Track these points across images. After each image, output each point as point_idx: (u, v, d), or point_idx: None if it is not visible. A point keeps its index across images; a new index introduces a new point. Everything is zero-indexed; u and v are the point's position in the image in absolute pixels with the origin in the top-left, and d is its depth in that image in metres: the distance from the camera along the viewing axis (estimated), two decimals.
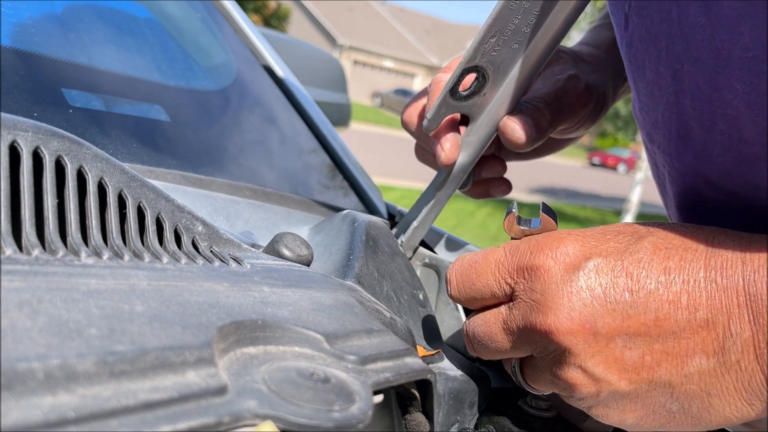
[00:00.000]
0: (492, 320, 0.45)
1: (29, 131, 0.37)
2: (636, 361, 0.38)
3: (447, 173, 0.60)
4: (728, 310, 0.36)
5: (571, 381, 0.41)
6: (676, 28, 0.43)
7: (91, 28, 0.83)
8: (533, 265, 0.41)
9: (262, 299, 0.39)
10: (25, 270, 0.31)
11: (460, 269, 0.46)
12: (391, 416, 0.44)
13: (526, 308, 0.41)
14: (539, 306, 0.40)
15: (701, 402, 0.38)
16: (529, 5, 0.49)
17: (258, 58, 1.00)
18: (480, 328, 0.46)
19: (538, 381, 0.45)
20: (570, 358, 0.40)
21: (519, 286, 0.42)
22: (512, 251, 0.43)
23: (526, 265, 0.42)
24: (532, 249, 0.42)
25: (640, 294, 0.38)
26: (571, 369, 0.40)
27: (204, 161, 0.78)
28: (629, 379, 0.39)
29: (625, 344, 0.38)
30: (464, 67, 0.51)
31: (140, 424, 0.25)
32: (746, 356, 0.36)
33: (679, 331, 0.37)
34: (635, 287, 0.38)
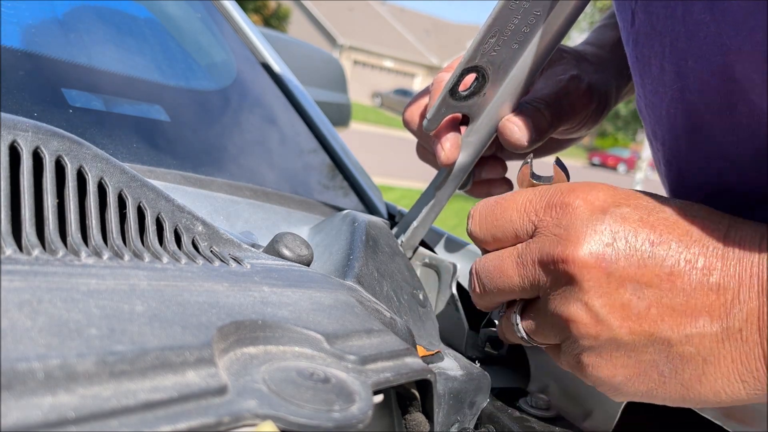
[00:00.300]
0: (506, 255, 0.45)
1: (29, 131, 0.37)
2: (641, 311, 0.39)
3: (447, 173, 0.60)
4: (740, 277, 0.37)
5: (573, 317, 0.41)
6: (680, 25, 0.43)
7: (91, 28, 0.83)
8: (563, 202, 0.42)
9: (262, 299, 0.39)
10: (25, 270, 0.31)
11: (485, 205, 0.47)
12: (391, 416, 0.44)
13: (546, 241, 0.42)
14: (560, 239, 0.41)
15: (695, 367, 0.38)
16: (528, 5, 0.49)
17: (258, 58, 1.00)
18: (491, 262, 0.46)
19: (539, 326, 0.45)
20: (578, 293, 0.40)
21: (543, 223, 0.43)
22: (542, 191, 0.44)
23: (556, 202, 0.42)
24: (563, 190, 0.43)
25: (661, 248, 0.39)
26: (576, 305, 0.40)
27: (204, 161, 0.78)
28: (630, 328, 0.39)
29: (635, 292, 0.39)
30: (464, 67, 0.51)
31: (140, 424, 0.25)
32: (749, 326, 0.36)
33: (690, 290, 0.38)
34: (657, 240, 0.39)
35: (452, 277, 0.64)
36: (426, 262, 0.67)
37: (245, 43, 1.01)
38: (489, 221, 0.46)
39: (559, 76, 0.61)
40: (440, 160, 0.58)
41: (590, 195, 0.41)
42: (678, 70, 0.45)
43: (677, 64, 0.45)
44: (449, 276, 0.64)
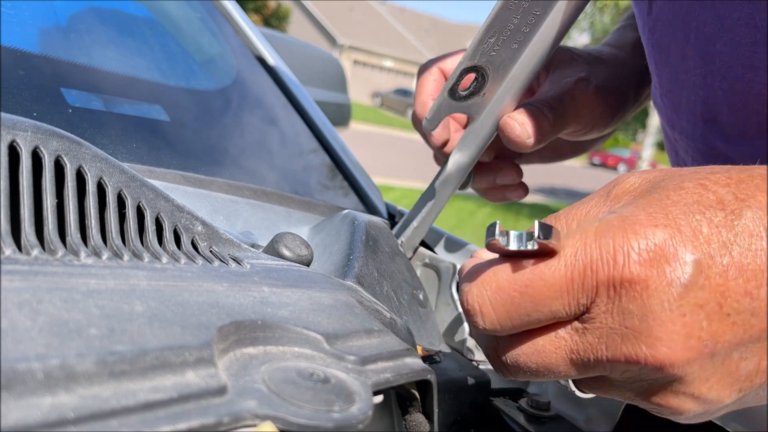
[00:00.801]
0: (550, 349, 0.35)
1: (28, 131, 0.37)
2: (751, 371, 0.33)
3: (447, 173, 0.60)
4: None
5: (676, 407, 0.34)
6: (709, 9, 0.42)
7: (91, 28, 0.83)
8: (624, 278, 0.31)
9: (261, 299, 0.39)
10: (24, 270, 0.31)
11: (498, 293, 0.34)
12: (391, 416, 0.44)
13: (615, 336, 0.32)
14: (639, 335, 0.31)
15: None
16: (528, 5, 0.49)
17: (258, 58, 1.00)
18: (531, 358, 0.36)
19: (608, 393, 0.37)
20: (679, 386, 0.33)
21: (600, 308, 0.33)
22: (583, 259, 0.32)
23: (613, 279, 0.32)
24: (613, 253, 0.32)
25: (761, 294, 0.31)
26: (678, 397, 0.33)
27: (204, 161, 0.78)
28: (740, 389, 0.33)
29: (741, 355, 0.32)
30: (464, 67, 0.51)
31: (140, 424, 0.25)
32: None
33: None
34: (754, 288, 0.31)
35: (452, 277, 0.64)
36: (426, 262, 0.67)
37: (245, 43, 1.00)
38: (514, 316, 0.34)
39: (565, 79, 0.61)
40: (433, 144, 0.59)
41: (651, 253, 0.31)
42: (703, 55, 0.43)
43: (702, 49, 0.43)
44: (449, 276, 0.64)
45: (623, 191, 0.36)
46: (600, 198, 0.38)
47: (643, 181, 0.36)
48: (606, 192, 0.38)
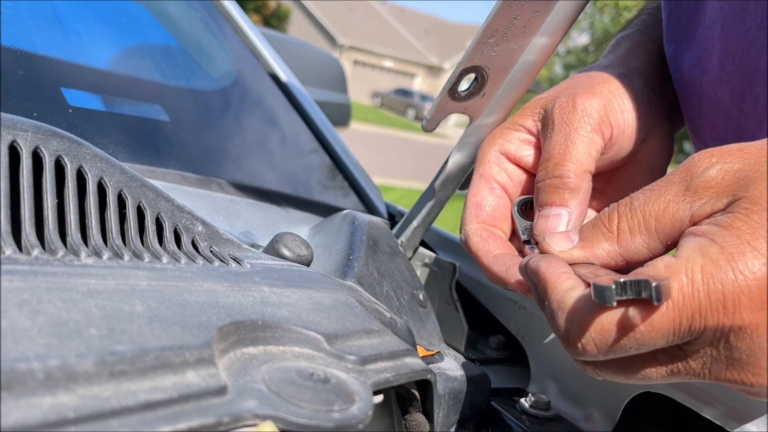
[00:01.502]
0: (648, 369, 0.36)
1: (29, 131, 0.37)
2: None
3: (447, 173, 0.60)
4: None
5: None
6: None
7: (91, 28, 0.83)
8: (734, 325, 0.31)
9: (262, 299, 0.39)
10: (24, 270, 0.31)
11: (603, 338, 0.34)
12: (391, 416, 0.44)
13: (720, 364, 0.33)
14: (746, 366, 0.32)
15: None
16: (528, 5, 0.49)
17: (258, 58, 1.00)
18: (626, 374, 0.37)
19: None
20: None
21: (705, 341, 0.33)
22: (691, 306, 0.32)
23: (723, 325, 0.32)
24: (723, 301, 0.31)
25: None
26: None
27: (204, 161, 0.78)
28: None
29: None
30: (463, 67, 0.51)
31: (140, 424, 0.25)
32: None
33: None
34: None
35: (452, 277, 0.64)
36: (426, 262, 0.67)
37: (245, 43, 1.00)
38: (618, 351, 0.34)
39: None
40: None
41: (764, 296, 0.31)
42: None
43: None
44: (449, 276, 0.64)
45: (705, 185, 0.35)
46: (677, 189, 0.36)
47: (726, 174, 0.34)
48: (683, 182, 0.35)
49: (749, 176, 0.33)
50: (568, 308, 0.35)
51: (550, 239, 0.42)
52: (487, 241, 0.50)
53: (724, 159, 0.35)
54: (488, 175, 0.53)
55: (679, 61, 0.57)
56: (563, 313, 0.35)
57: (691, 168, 0.36)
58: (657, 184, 0.37)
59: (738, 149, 0.35)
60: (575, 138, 0.48)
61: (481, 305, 0.68)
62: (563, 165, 0.48)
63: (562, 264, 0.38)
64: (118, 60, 0.82)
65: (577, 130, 0.48)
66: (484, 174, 0.53)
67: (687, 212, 0.35)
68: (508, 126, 0.54)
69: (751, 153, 0.35)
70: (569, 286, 0.36)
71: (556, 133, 0.49)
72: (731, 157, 0.35)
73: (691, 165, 0.36)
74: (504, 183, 0.53)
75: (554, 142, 0.49)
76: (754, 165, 0.34)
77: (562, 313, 0.35)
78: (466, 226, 0.52)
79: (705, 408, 0.47)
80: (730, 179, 0.34)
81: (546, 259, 0.39)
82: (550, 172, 0.48)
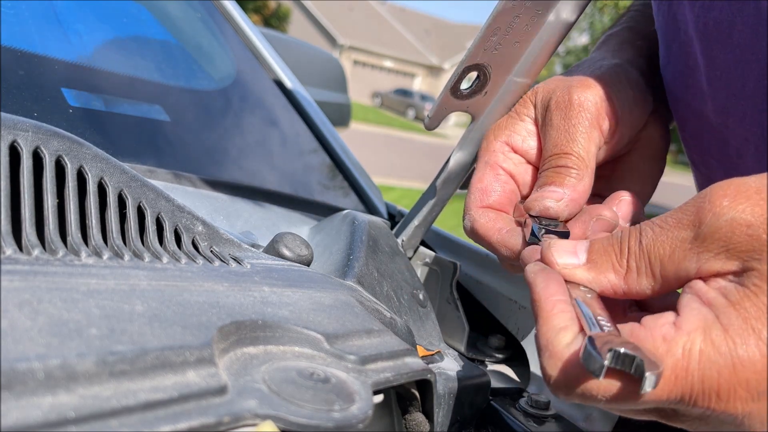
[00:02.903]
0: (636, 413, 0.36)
1: (29, 131, 0.37)
2: None
3: (449, 172, 0.60)
4: None
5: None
6: None
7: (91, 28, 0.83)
8: (725, 411, 0.31)
9: (262, 299, 0.39)
10: (25, 270, 0.31)
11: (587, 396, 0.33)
12: (391, 416, 0.44)
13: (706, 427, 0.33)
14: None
15: None
16: (530, 4, 0.49)
17: (258, 58, 1.00)
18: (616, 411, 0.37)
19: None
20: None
21: (692, 414, 0.33)
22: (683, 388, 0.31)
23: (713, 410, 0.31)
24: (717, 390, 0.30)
25: None
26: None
27: (204, 161, 0.78)
28: None
29: None
30: (466, 65, 0.51)
31: (140, 424, 0.25)
32: None
33: None
34: None
35: (452, 277, 0.63)
36: (426, 262, 0.67)
37: (245, 43, 1.01)
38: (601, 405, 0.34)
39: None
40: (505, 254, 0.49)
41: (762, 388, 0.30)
42: None
43: None
44: (449, 276, 0.64)
45: (713, 237, 0.33)
46: (685, 234, 0.34)
47: (736, 228, 0.32)
48: (692, 226, 0.34)
49: (762, 239, 0.32)
50: (555, 354, 0.34)
51: (555, 249, 0.40)
52: (496, 220, 0.49)
53: (736, 205, 0.33)
54: (494, 162, 0.52)
55: (665, 72, 0.57)
56: (550, 358, 0.34)
57: (702, 210, 0.34)
58: (667, 220, 0.35)
59: (755, 191, 0.33)
60: (575, 134, 0.48)
61: (481, 305, 0.68)
62: (567, 158, 0.48)
63: (559, 286, 0.37)
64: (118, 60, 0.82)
65: (576, 126, 0.48)
66: (489, 161, 0.52)
67: (694, 264, 0.34)
68: (514, 116, 0.53)
69: (765, 199, 0.33)
70: (561, 325, 0.34)
71: (555, 130, 0.49)
72: (745, 204, 0.33)
73: (701, 206, 0.34)
74: (510, 170, 0.52)
75: (554, 139, 0.49)
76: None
77: (549, 357, 0.34)
78: (471, 210, 0.51)
79: None
80: (741, 236, 0.32)
81: (543, 277, 0.37)
82: (552, 163, 0.48)
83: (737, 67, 0.46)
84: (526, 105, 0.53)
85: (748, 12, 0.43)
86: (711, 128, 0.52)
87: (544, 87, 0.52)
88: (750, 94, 0.46)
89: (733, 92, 0.47)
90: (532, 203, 0.48)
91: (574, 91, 0.49)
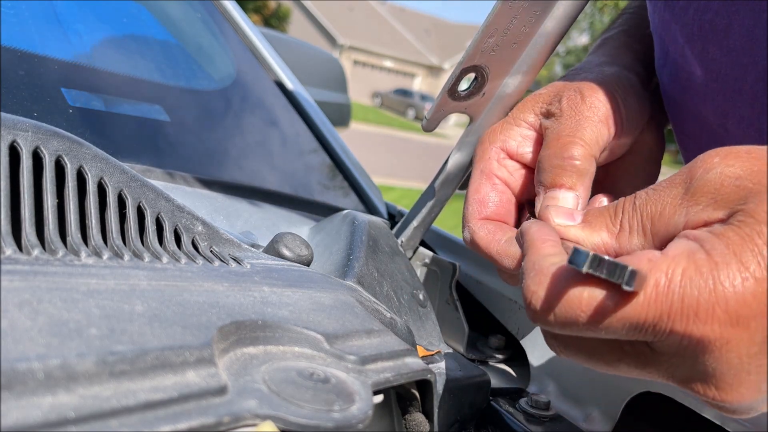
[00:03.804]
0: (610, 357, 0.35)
1: (29, 131, 0.37)
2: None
3: (447, 173, 0.60)
4: None
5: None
6: None
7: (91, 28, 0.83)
8: (703, 336, 0.30)
9: (262, 299, 0.39)
10: (25, 270, 0.31)
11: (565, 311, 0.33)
12: (391, 416, 0.44)
13: (684, 372, 0.33)
14: (710, 379, 0.32)
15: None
16: (527, 5, 0.49)
17: (258, 58, 1.00)
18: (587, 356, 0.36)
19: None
20: None
21: (671, 346, 0.32)
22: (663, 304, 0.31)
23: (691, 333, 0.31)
24: (696, 308, 0.30)
25: None
26: None
27: (204, 161, 0.78)
28: None
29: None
30: (463, 66, 0.51)
31: (140, 424, 0.25)
32: None
33: None
34: None
35: (452, 277, 0.64)
36: (426, 262, 0.67)
37: (245, 43, 1.01)
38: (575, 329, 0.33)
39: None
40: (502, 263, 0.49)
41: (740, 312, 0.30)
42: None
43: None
44: (449, 276, 0.64)
45: (702, 190, 0.34)
46: (677, 191, 0.35)
47: (724, 179, 0.33)
48: (684, 183, 0.35)
49: (748, 187, 0.32)
50: (540, 270, 0.34)
51: (554, 209, 0.41)
52: (495, 232, 0.49)
53: (726, 162, 0.34)
54: (489, 171, 0.52)
55: (662, 74, 0.57)
56: (534, 275, 0.34)
57: (693, 169, 0.35)
58: (661, 183, 0.36)
59: (746, 152, 0.34)
60: (585, 123, 0.48)
61: (481, 305, 0.68)
62: (572, 145, 0.47)
63: (552, 233, 0.37)
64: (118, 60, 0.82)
65: (587, 118, 0.48)
66: (485, 170, 0.52)
67: (682, 217, 0.34)
68: (510, 121, 0.53)
69: (756, 158, 0.33)
70: (550, 253, 0.35)
71: (565, 119, 0.49)
72: (735, 160, 0.34)
73: (694, 165, 0.35)
74: (506, 178, 0.52)
75: (563, 125, 0.48)
76: (755, 174, 0.33)
77: (534, 275, 0.34)
78: (470, 223, 0.51)
79: (705, 408, 0.47)
80: (729, 187, 0.33)
81: (538, 224, 0.38)
82: (558, 152, 0.47)
83: (734, 69, 0.46)
84: (523, 110, 0.53)
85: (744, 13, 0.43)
86: (708, 129, 0.52)
87: (549, 90, 0.52)
88: (747, 95, 0.46)
89: (731, 94, 0.47)
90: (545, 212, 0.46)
91: (586, 91, 0.49)
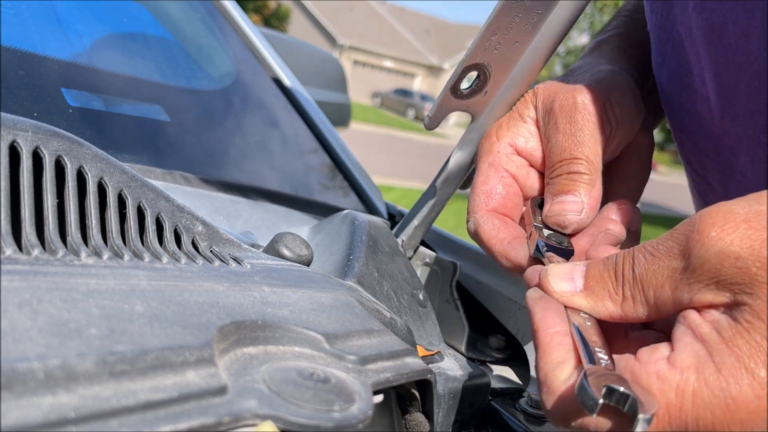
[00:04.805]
0: None
1: (29, 131, 0.37)
2: None
3: (448, 172, 0.60)
4: None
5: None
6: None
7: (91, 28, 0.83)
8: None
9: (262, 299, 0.39)
10: (25, 270, 0.31)
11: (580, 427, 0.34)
12: (391, 416, 0.44)
13: None
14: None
15: None
16: (530, 4, 0.49)
17: (258, 58, 1.00)
18: None
19: None
20: None
21: None
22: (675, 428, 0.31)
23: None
24: (711, 426, 0.31)
25: None
26: None
27: (204, 161, 0.78)
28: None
29: None
30: (466, 64, 0.51)
31: (140, 424, 0.25)
32: None
33: None
34: None
35: (452, 277, 0.63)
36: (426, 262, 0.67)
37: (245, 43, 1.01)
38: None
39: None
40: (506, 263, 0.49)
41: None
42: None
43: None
44: (449, 276, 0.64)
45: (704, 269, 0.33)
46: (676, 264, 0.34)
47: (725, 261, 0.32)
48: (682, 256, 0.34)
49: (751, 272, 0.31)
50: (553, 390, 0.34)
51: (552, 276, 0.39)
52: (499, 228, 0.49)
53: (724, 236, 0.32)
54: (498, 164, 0.52)
55: (660, 73, 0.57)
56: (548, 393, 0.34)
57: (691, 240, 0.34)
58: (659, 248, 0.35)
59: (743, 220, 0.32)
60: (583, 138, 0.48)
61: (481, 305, 0.68)
62: (578, 163, 0.48)
63: (557, 315, 0.37)
64: (118, 60, 0.82)
65: (582, 130, 0.48)
66: (493, 163, 0.52)
67: (686, 294, 0.34)
68: (515, 117, 0.53)
69: (755, 229, 0.32)
70: (559, 359, 0.35)
71: (561, 134, 0.49)
72: (733, 233, 0.32)
73: (690, 235, 0.34)
74: (514, 173, 0.52)
75: (562, 143, 0.48)
76: (755, 253, 0.31)
77: (547, 392, 0.34)
78: (475, 214, 0.51)
79: None
80: (730, 269, 0.32)
81: (541, 306, 0.38)
82: (564, 170, 0.48)
83: (730, 68, 0.46)
84: (526, 105, 0.53)
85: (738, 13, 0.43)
86: (706, 127, 0.52)
87: (544, 90, 0.52)
88: (742, 94, 0.46)
89: (726, 92, 0.47)
90: (553, 218, 0.47)
91: (578, 94, 0.49)
